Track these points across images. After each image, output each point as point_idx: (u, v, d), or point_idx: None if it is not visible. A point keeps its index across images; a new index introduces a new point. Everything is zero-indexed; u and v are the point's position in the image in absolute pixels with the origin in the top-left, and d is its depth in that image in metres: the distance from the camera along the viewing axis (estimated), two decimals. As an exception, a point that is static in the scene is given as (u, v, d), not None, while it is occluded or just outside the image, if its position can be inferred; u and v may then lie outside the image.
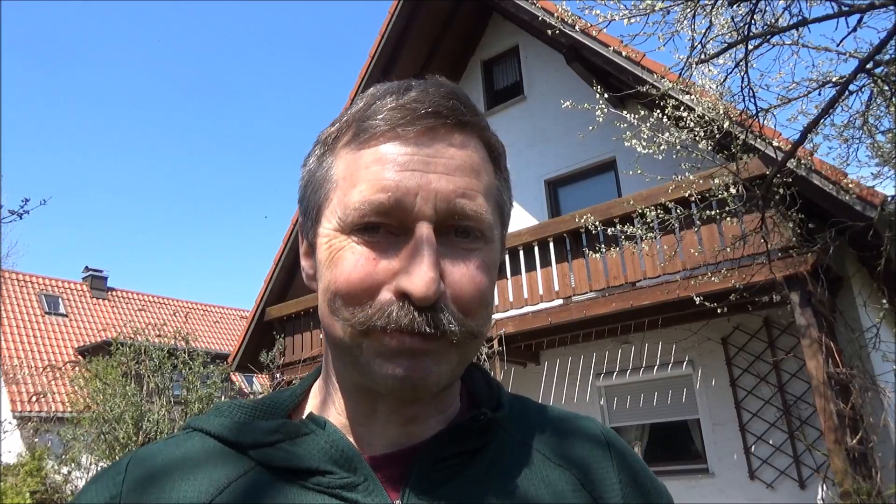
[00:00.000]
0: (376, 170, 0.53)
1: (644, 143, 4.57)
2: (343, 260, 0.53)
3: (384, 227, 0.53)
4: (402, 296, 0.51)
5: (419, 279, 0.50)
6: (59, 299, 19.68)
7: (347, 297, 0.52)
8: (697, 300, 4.85)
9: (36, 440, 12.96)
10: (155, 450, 0.59)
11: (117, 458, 7.63)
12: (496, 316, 6.73)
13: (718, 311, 4.81)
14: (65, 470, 8.65)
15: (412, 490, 0.54)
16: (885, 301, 4.36)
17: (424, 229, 0.51)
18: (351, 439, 0.57)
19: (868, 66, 3.36)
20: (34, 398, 14.94)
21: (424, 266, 0.50)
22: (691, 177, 4.81)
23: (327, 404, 0.61)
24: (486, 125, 0.59)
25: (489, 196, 0.56)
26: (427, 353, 0.52)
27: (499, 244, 0.59)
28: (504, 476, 0.57)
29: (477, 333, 0.54)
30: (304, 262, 0.62)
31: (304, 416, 0.59)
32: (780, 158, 4.14)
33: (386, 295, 0.51)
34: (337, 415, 0.59)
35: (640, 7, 3.66)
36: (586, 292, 6.23)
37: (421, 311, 0.50)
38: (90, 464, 8.72)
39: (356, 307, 0.52)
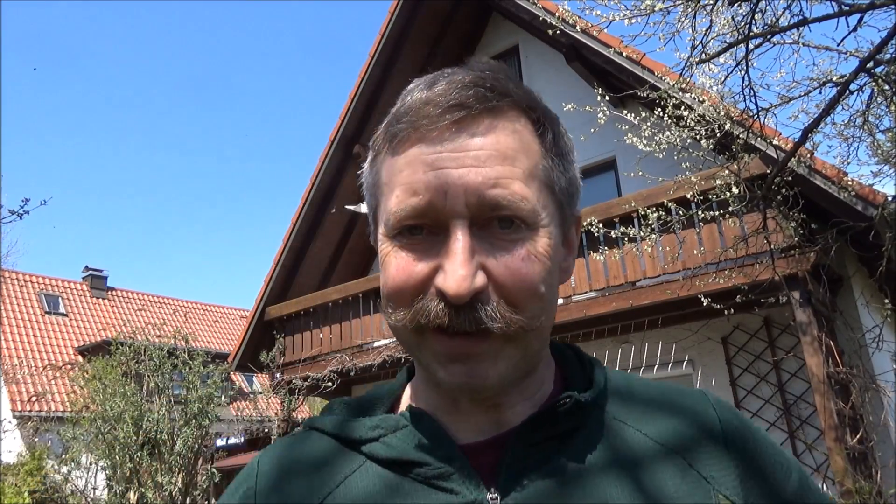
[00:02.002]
0: (407, 173, 0.53)
1: (644, 142, 4.57)
2: (388, 265, 0.55)
3: (425, 227, 0.53)
4: (441, 295, 0.51)
5: (451, 278, 0.50)
6: (59, 299, 19.68)
7: (394, 301, 0.54)
8: (705, 302, 4.85)
9: (36, 440, 12.97)
10: (280, 449, 0.64)
11: (117, 457, 7.66)
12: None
13: (725, 312, 4.81)
14: (64, 469, 8.64)
15: (505, 476, 0.54)
16: (887, 301, 4.36)
17: (458, 227, 0.51)
18: (444, 427, 0.58)
19: (868, 65, 3.35)
20: (34, 398, 14.94)
21: (456, 265, 0.50)
22: (692, 177, 4.81)
23: (421, 392, 0.63)
24: (527, 102, 0.57)
25: (531, 179, 0.54)
26: (478, 355, 0.52)
27: (555, 226, 0.56)
28: (600, 457, 0.56)
29: (528, 326, 0.53)
30: None
31: (403, 408, 0.62)
32: (780, 158, 4.14)
33: (429, 294, 0.52)
34: (429, 402, 0.61)
35: (641, 7, 3.66)
36: (586, 292, 6.22)
37: (458, 309, 0.51)
38: (90, 463, 8.72)
39: (403, 308, 0.54)
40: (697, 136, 4.44)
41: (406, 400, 0.65)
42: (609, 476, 0.54)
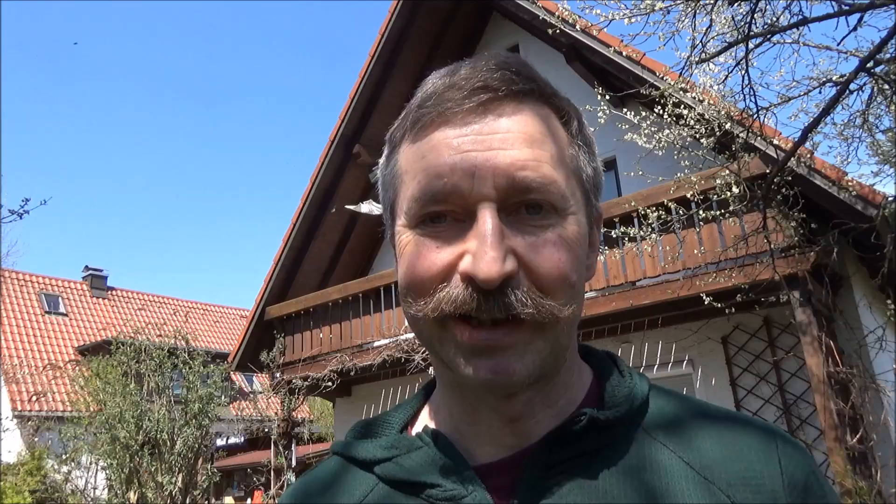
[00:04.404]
0: (431, 157, 0.51)
1: (644, 139, 4.57)
2: (408, 254, 0.52)
3: (449, 214, 0.51)
4: (469, 280, 0.48)
5: (481, 261, 0.47)
6: (59, 298, 19.69)
7: (414, 290, 0.51)
8: (706, 300, 4.84)
9: (36, 439, 12.98)
10: (302, 479, 0.65)
11: (117, 457, 7.66)
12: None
13: (725, 311, 4.81)
14: (65, 469, 8.65)
15: (520, 499, 0.51)
16: (890, 302, 4.35)
17: (486, 210, 0.49)
18: (461, 446, 0.56)
19: (868, 64, 3.35)
20: (34, 397, 14.95)
21: (486, 247, 0.48)
22: (692, 176, 4.81)
23: (439, 409, 0.61)
24: (551, 91, 0.55)
25: (558, 164, 0.52)
26: (505, 348, 0.49)
27: (583, 215, 0.55)
28: (627, 482, 0.51)
29: (559, 314, 0.50)
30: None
31: (420, 428, 0.60)
32: (780, 158, 4.14)
33: (453, 282, 0.50)
34: (448, 417, 0.59)
35: (641, 7, 3.66)
36: (586, 291, 6.21)
37: (487, 294, 0.48)
38: (90, 463, 8.73)
39: (425, 297, 0.51)
40: (697, 135, 4.45)
41: (424, 419, 0.63)
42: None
